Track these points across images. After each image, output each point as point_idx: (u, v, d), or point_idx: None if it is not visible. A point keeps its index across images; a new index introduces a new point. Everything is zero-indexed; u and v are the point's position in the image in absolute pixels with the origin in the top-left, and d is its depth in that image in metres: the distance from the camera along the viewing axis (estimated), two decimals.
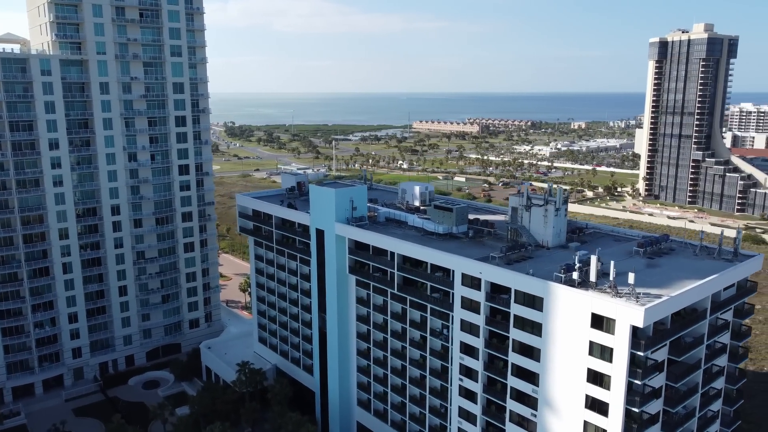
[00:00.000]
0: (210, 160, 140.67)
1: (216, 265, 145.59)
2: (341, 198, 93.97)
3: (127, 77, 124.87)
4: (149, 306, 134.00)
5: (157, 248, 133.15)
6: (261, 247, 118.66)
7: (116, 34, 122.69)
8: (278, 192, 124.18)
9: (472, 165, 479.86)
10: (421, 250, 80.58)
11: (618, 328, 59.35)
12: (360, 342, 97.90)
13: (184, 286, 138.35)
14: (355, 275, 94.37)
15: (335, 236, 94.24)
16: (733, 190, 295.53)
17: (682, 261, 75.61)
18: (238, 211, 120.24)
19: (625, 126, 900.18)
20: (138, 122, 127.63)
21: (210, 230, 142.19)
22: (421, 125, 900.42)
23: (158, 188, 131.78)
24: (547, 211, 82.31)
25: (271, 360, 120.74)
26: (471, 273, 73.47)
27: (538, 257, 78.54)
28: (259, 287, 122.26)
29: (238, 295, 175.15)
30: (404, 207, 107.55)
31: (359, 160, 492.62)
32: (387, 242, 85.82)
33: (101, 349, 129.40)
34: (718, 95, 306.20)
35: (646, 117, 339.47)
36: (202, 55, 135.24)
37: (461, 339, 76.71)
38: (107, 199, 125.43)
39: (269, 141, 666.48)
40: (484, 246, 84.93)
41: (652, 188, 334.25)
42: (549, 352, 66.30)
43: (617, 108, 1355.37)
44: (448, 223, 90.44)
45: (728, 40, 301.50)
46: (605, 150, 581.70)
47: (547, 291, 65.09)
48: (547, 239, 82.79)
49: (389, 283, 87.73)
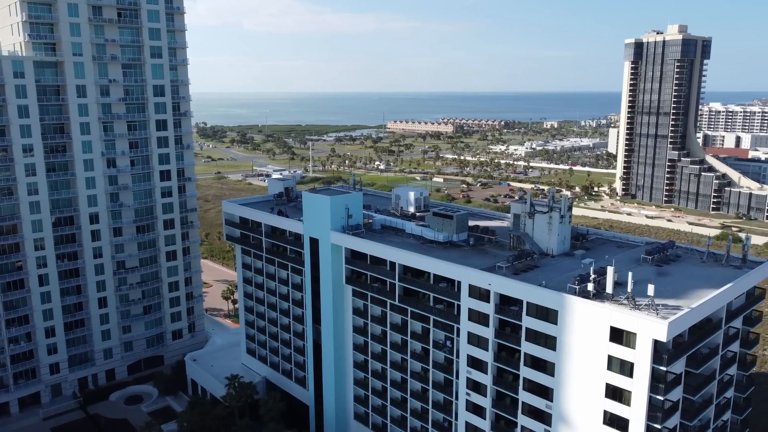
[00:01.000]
0: (192, 165, 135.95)
1: (199, 273, 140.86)
2: (337, 206, 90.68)
3: (105, 80, 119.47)
4: (130, 317, 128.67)
5: (138, 257, 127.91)
6: (249, 255, 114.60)
7: (93, 35, 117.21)
8: (265, 198, 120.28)
9: (449, 165, 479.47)
10: (426, 260, 77.77)
11: (639, 342, 57.36)
12: (357, 354, 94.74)
13: (167, 296, 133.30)
14: (352, 285, 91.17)
15: (330, 245, 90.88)
16: (709, 189, 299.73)
17: (690, 269, 74.24)
18: (224, 218, 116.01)
19: (597, 125, 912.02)
20: (117, 126, 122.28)
21: (193, 238, 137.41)
22: (396, 125, 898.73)
23: (139, 195, 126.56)
24: (551, 219, 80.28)
25: (261, 372, 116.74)
26: (479, 284, 70.92)
27: (544, 266, 76.41)
28: (247, 297, 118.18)
29: (221, 303, 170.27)
30: (398, 213, 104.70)
31: (335, 161, 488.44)
32: (387, 252, 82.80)
33: (80, 364, 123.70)
34: (692, 95, 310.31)
35: (622, 117, 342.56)
36: (183, 56, 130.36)
37: (468, 352, 74.14)
38: (85, 208, 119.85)
39: (243, 142, 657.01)
40: (487, 254, 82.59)
41: (629, 188, 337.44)
42: (564, 367, 64.11)
43: (588, 107, 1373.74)
44: (448, 230, 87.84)
45: (702, 42, 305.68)
46: (579, 149, 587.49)
47: (562, 303, 62.85)
48: (552, 247, 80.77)
49: (389, 293, 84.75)
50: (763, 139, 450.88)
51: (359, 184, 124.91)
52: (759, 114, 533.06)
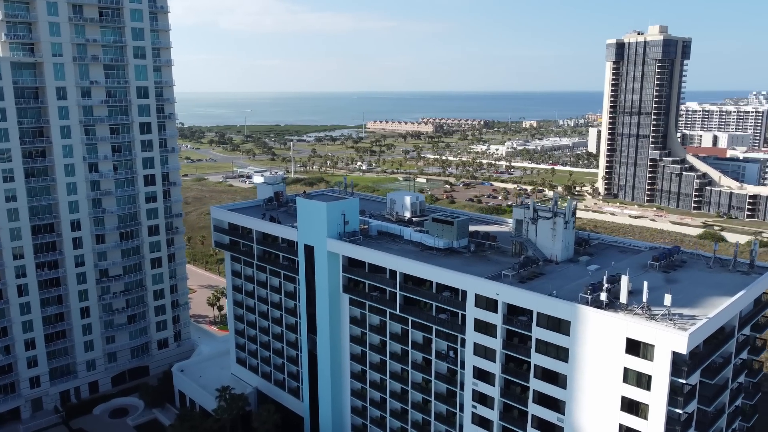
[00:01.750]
0: (177, 169, 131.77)
1: (185, 280, 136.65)
2: (333, 212, 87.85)
3: (87, 81, 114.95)
4: (114, 327, 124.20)
5: (121, 265, 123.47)
6: (238, 262, 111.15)
7: (74, 35, 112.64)
8: (255, 203, 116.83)
9: (431, 165, 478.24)
10: (429, 269, 75.35)
11: (658, 354, 55.63)
12: (354, 364, 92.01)
13: (152, 304, 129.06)
14: (350, 294, 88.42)
15: (327, 253, 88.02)
16: (690, 188, 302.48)
17: (698, 275, 72.95)
18: (213, 224, 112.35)
19: (575, 125, 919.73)
20: (99, 130, 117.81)
21: (178, 243, 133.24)
22: (376, 125, 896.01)
23: (122, 201, 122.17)
24: (555, 224, 78.50)
25: (252, 382, 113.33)
26: (486, 294, 68.73)
27: (550, 273, 74.58)
28: (237, 305, 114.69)
29: (206, 309, 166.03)
30: (394, 218, 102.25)
31: (317, 162, 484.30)
32: (388, 260, 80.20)
33: (62, 377, 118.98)
34: (673, 95, 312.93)
35: (604, 117, 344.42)
36: (167, 57, 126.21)
37: (474, 363, 71.93)
38: (66, 214, 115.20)
39: (221, 142, 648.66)
40: (490, 261, 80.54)
41: (611, 187, 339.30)
42: (577, 379, 62.21)
43: (565, 107, 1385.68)
44: (448, 237, 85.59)
45: (682, 42, 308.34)
46: (559, 149, 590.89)
47: (576, 314, 60.92)
48: (556, 253, 78.97)
49: (389, 302, 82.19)
50: (739, 138, 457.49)
51: (351, 188, 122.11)
52: (734, 113, 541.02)
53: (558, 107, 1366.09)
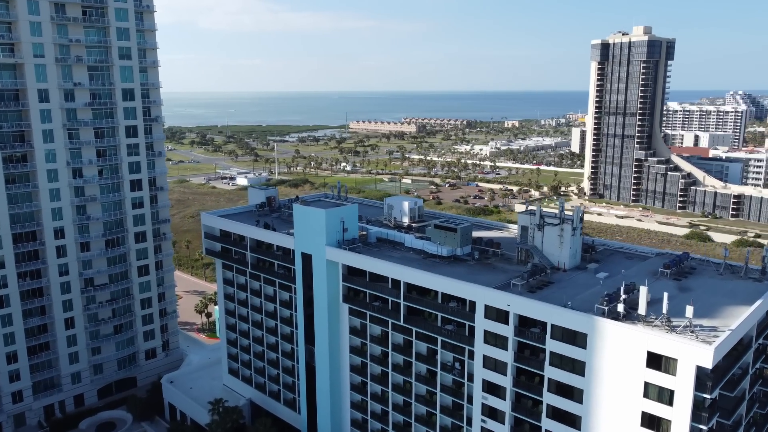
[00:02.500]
0: (164, 173, 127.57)
1: (173, 288, 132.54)
2: (332, 219, 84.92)
3: (70, 83, 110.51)
4: (100, 338, 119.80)
5: (107, 273, 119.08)
6: (231, 270, 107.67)
7: (56, 35, 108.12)
8: (246, 209, 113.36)
9: (416, 166, 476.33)
10: (436, 279, 72.77)
11: (681, 368, 53.67)
12: (354, 375, 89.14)
13: (139, 313, 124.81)
14: (350, 304, 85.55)
15: (326, 261, 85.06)
16: (675, 188, 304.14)
17: (710, 282, 71.33)
18: (204, 231, 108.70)
19: (557, 124, 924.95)
20: (83, 134, 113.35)
21: (166, 250, 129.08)
22: (358, 125, 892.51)
23: (108, 207, 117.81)
24: (563, 231, 76.44)
25: (245, 394, 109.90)
26: (497, 305, 66.34)
27: (559, 282, 72.50)
28: (229, 314, 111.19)
29: (193, 316, 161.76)
30: (392, 224, 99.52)
31: (301, 163, 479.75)
32: (391, 269, 77.49)
33: (46, 390, 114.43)
34: (657, 96, 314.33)
35: (589, 117, 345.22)
36: (153, 58, 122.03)
37: (484, 377, 69.53)
38: (49, 222, 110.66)
39: (203, 143, 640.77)
40: (495, 270, 78.26)
41: (596, 187, 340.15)
42: (593, 393, 60.08)
43: (546, 106, 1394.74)
44: (451, 244, 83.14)
45: (666, 43, 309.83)
46: (542, 148, 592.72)
47: (593, 327, 58.77)
48: (564, 261, 76.93)
49: (392, 313, 79.49)
50: (720, 138, 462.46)
51: (345, 192, 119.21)
52: (714, 113, 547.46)
53: (539, 107, 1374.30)
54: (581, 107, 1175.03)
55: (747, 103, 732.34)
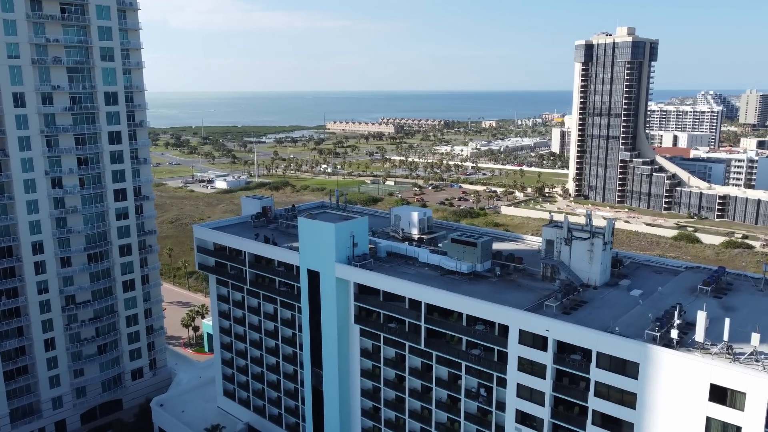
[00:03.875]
0: (150, 182, 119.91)
1: (160, 303, 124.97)
2: (341, 234, 78.76)
3: (48, 86, 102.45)
4: (83, 359, 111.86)
5: (90, 290, 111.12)
6: (226, 286, 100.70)
7: (32, 34, 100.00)
8: (241, 220, 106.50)
9: (397, 167, 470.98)
10: (461, 300, 67.12)
11: (750, 402, 48.93)
12: (365, 401, 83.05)
13: (125, 331, 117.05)
14: (362, 325, 79.50)
15: (335, 279, 78.87)
16: (660, 189, 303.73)
17: (754, 300, 66.98)
18: (196, 245, 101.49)
19: (533, 124, 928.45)
20: (63, 140, 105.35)
21: (152, 264, 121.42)
22: (336, 126, 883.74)
23: (90, 219, 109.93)
24: (593, 246, 71.52)
25: (243, 418, 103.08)
26: (533, 330, 60.98)
27: (592, 301, 67.54)
28: (224, 332, 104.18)
29: (179, 330, 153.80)
30: (400, 236, 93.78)
31: (280, 165, 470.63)
32: (411, 289, 71.63)
33: (24, 417, 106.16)
34: (641, 97, 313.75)
35: (573, 118, 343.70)
36: (137, 58, 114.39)
37: (518, 407, 64.16)
38: (27, 236, 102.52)
39: (178, 144, 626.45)
40: (521, 287, 73.02)
41: (581, 188, 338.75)
42: (646, 428, 55.07)
43: (521, 106, 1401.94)
44: (471, 259, 77.65)
45: (649, 44, 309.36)
46: (521, 149, 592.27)
47: (646, 356, 53.72)
48: (594, 277, 72.02)
49: (410, 335, 73.66)
50: (698, 138, 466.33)
51: (344, 200, 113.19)
52: (691, 113, 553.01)
53: (514, 107, 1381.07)
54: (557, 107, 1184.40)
55: (718, 102, 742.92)
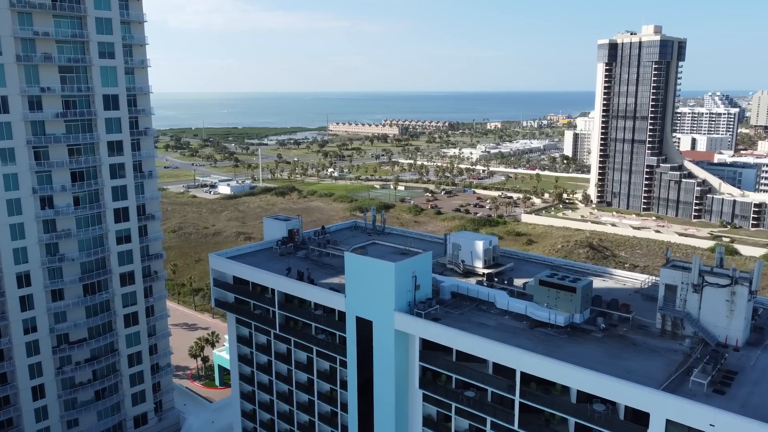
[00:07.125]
0: (156, 199, 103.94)
1: (167, 337, 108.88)
2: (402, 274, 62.55)
3: (36, 88, 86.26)
4: (77, 407, 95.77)
5: (86, 327, 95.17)
6: (248, 327, 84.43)
7: (17, 26, 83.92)
8: (264, 245, 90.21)
9: (406, 171, 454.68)
10: (577, 373, 50.78)
11: None
12: None
13: (126, 372, 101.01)
14: (427, 390, 63.32)
15: (394, 332, 62.69)
16: (690, 196, 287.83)
17: None
18: (212, 277, 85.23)
19: (539, 126, 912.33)
20: (54, 152, 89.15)
21: (158, 293, 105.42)
22: (338, 127, 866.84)
23: (86, 244, 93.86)
24: (734, 295, 55.36)
25: None
26: (688, 422, 44.81)
27: (744, 372, 51.46)
28: (245, 380, 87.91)
29: (185, 359, 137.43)
30: (460, 269, 77.59)
31: (285, 168, 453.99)
32: (501, 353, 55.30)
33: None
34: (669, 98, 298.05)
35: (596, 121, 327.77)
36: (141, 56, 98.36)
37: None
38: (11, 266, 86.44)
39: (178, 147, 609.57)
40: (638, 348, 56.76)
41: (604, 195, 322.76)
42: None
43: (523, 107, 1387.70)
44: (567, 308, 61.45)
45: (678, 43, 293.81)
46: (530, 151, 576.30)
47: None
48: (736, 335, 55.87)
49: (496, 410, 57.46)
50: (717, 141, 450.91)
51: (381, 218, 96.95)
52: (706, 115, 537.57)
53: (515, 108, 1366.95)
54: (561, 108, 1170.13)
55: (725, 104, 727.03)
